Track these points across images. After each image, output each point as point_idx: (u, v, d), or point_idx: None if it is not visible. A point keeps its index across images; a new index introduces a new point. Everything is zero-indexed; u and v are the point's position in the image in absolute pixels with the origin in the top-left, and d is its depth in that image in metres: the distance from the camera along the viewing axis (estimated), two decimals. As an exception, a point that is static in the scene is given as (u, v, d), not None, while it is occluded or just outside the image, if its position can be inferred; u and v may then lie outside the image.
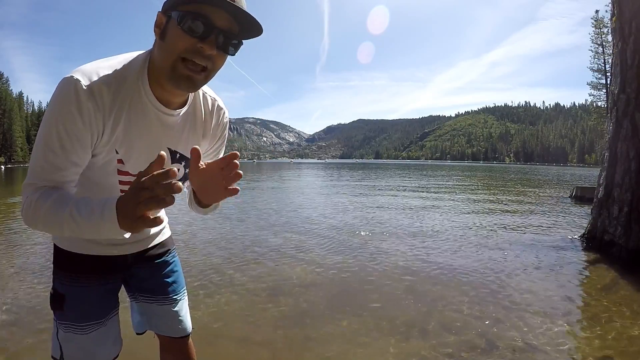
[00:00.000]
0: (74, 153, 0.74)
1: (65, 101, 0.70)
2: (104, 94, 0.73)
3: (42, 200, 0.70)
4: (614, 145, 4.59)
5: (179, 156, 0.91)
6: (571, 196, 10.62)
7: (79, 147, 0.74)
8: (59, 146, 0.72)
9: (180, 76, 0.72)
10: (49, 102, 0.73)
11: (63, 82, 0.71)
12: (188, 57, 0.70)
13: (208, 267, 3.68)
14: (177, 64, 0.71)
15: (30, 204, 0.71)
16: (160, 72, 0.76)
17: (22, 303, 2.75)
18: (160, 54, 0.74)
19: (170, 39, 0.71)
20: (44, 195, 0.71)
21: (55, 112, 0.71)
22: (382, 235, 5.31)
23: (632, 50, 4.39)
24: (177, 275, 1.14)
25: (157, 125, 0.84)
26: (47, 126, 0.72)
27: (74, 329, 0.93)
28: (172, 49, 0.70)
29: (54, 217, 0.69)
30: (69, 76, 0.71)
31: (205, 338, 2.21)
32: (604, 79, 30.58)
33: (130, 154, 0.83)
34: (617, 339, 2.29)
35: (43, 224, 0.71)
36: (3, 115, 68.68)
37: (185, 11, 0.68)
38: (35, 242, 4.68)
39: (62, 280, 0.95)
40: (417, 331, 2.37)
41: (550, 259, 4.13)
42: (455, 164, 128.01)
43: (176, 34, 0.69)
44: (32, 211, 0.71)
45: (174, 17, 0.69)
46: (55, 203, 0.69)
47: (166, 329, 1.10)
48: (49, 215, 0.69)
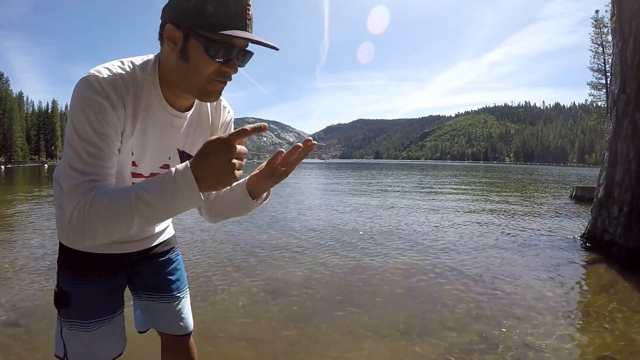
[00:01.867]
0: (112, 141, 0.73)
1: (90, 94, 0.70)
2: (123, 90, 0.74)
3: (98, 198, 0.65)
4: (614, 145, 4.59)
5: (186, 156, 0.93)
6: (571, 196, 10.61)
7: (113, 134, 0.73)
8: (97, 137, 0.70)
9: (209, 93, 0.77)
10: (71, 102, 0.72)
11: (82, 80, 0.71)
12: (215, 78, 0.75)
13: (208, 266, 3.68)
14: (207, 85, 0.75)
15: (84, 206, 0.65)
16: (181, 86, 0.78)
17: (23, 303, 2.75)
18: (184, 75, 0.76)
19: (195, 63, 0.73)
20: (99, 193, 0.66)
21: (81, 106, 0.70)
22: (382, 235, 5.31)
23: (632, 50, 4.39)
24: (180, 274, 1.16)
25: (168, 127, 0.86)
26: (77, 122, 0.70)
27: (79, 326, 0.93)
28: (201, 73, 0.73)
29: (119, 208, 0.63)
30: (89, 74, 0.72)
31: (205, 337, 2.21)
32: (604, 79, 30.61)
33: (143, 155, 0.84)
34: (617, 339, 2.29)
35: (106, 221, 0.64)
36: (3, 115, 68.69)
37: (212, 40, 0.70)
38: (36, 241, 4.68)
39: (67, 278, 0.96)
40: (417, 331, 2.38)
41: (550, 258, 4.13)
42: (455, 164, 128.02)
43: (202, 60, 0.72)
44: (89, 212, 0.64)
45: (199, 42, 0.70)
46: (115, 194, 0.65)
47: (168, 327, 1.11)
48: (113, 208, 0.64)
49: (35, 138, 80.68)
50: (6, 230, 5.49)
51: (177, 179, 0.62)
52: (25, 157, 72.73)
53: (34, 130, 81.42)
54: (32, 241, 4.71)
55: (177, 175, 0.62)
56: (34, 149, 79.44)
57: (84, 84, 0.71)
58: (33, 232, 5.23)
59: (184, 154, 0.92)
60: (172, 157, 0.90)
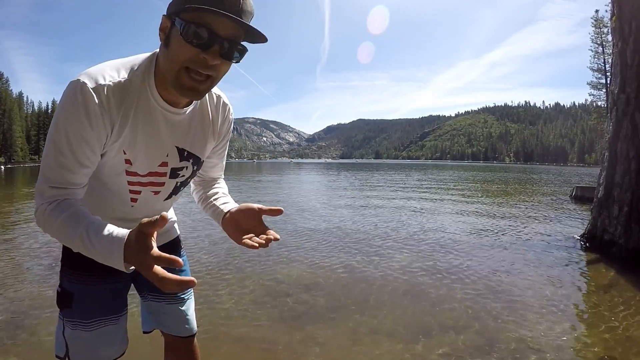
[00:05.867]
0: (83, 155, 0.74)
1: (72, 105, 0.71)
2: (110, 96, 0.73)
3: (55, 214, 0.72)
4: (614, 145, 4.59)
5: (186, 154, 0.92)
6: (571, 196, 10.62)
7: (87, 149, 0.75)
8: (68, 149, 0.73)
9: (184, 86, 0.72)
10: (58, 104, 0.74)
11: (70, 86, 0.72)
12: (192, 67, 0.70)
13: (208, 266, 3.68)
14: (180, 74, 0.71)
15: (43, 213, 0.74)
16: (165, 78, 0.77)
17: (23, 303, 2.74)
18: (164, 62, 0.74)
19: (173, 47, 0.70)
20: (57, 209, 0.73)
21: (63, 115, 0.72)
22: (383, 235, 5.31)
23: (632, 50, 4.39)
24: (185, 274, 1.15)
25: (164, 124, 0.84)
26: (55, 129, 0.73)
27: (82, 326, 0.93)
28: (175, 58, 0.70)
29: (66, 233, 0.71)
30: (76, 80, 0.72)
31: (205, 338, 2.21)
32: (604, 79, 30.58)
33: (138, 154, 0.83)
34: (617, 339, 2.29)
35: (54, 234, 0.74)
36: (3, 115, 68.68)
37: (187, 20, 0.66)
38: (36, 241, 4.68)
39: (71, 278, 0.95)
40: (418, 331, 2.38)
41: (550, 258, 4.13)
42: (455, 163, 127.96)
43: (179, 44, 0.68)
44: (45, 221, 0.74)
45: (177, 25, 0.68)
46: (69, 221, 0.71)
47: (173, 328, 1.11)
48: (61, 230, 0.72)
49: (35, 138, 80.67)
50: (6, 230, 5.49)
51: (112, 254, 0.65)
52: (25, 157, 72.72)
53: (34, 131, 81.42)
54: (32, 241, 4.71)
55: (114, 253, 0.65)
56: (34, 149, 79.41)
57: (70, 91, 0.71)
58: (33, 232, 5.23)
59: (184, 151, 0.90)
60: (170, 154, 0.88)
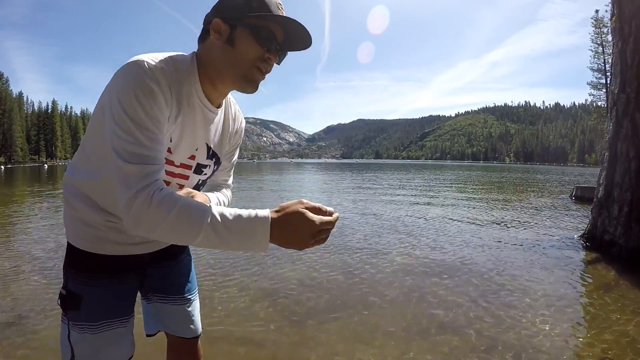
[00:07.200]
0: (163, 127, 0.75)
1: (140, 77, 0.71)
2: (170, 76, 0.77)
3: (169, 200, 0.66)
4: (614, 145, 4.59)
5: (211, 152, 0.96)
6: (571, 196, 10.61)
7: (163, 120, 0.75)
8: (151, 122, 0.72)
9: (251, 81, 0.82)
10: (119, 85, 0.72)
11: (129, 64, 0.73)
12: (259, 66, 0.80)
13: (208, 267, 3.68)
14: (251, 71, 0.81)
15: (150, 198, 0.66)
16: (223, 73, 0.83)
17: (23, 303, 2.74)
18: (227, 59, 0.81)
19: (241, 47, 0.79)
20: (171, 196, 0.68)
21: (131, 89, 0.70)
22: (382, 235, 5.32)
23: (632, 50, 4.39)
24: (191, 275, 1.15)
25: (202, 120, 0.89)
26: (129, 106, 0.70)
27: (90, 329, 0.90)
28: (245, 56, 0.79)
29: (188, 222, 0.65)
30: (133, 60, 0.74)
31: (205, 338, 2.20)
32: (604, 79, 30.62)
33: (179, 143, 0.86)
34: (617, 339, 2.29)
35: (168, 226, 0.66)
36: (3, 115, 68.69)
37: (259, 26, 0.78)
38: (36, 241, 4.68)
39: (78, 280, 0.92)
40: (418, 331, 2.38)
41: (550, 258, 4.13)
42: (455, 163, 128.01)
43: (249, 44, 0.78)
44: (156, 209, 0.65)
45: (245, 28, 0.78)
46: (190, 208, 0.66)
47: (178, 329, 1.10)
48: (182, 219, 0.65)
49: (35, 138, 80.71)
50: (6, 230, 5.49)
51: (256, 231, 0.66)
52: (25, 157, 72.72)
53: (34, 131, 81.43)
54: (32, 241, 4.71)
55: (258, 228, 0.66)
56: (34, 149, 79.46)
57: (135, 67, 0.72)
58: (33, 232, 5.23)
59: (210, 149, 0.95)
60: (200, 148, 0.92)
